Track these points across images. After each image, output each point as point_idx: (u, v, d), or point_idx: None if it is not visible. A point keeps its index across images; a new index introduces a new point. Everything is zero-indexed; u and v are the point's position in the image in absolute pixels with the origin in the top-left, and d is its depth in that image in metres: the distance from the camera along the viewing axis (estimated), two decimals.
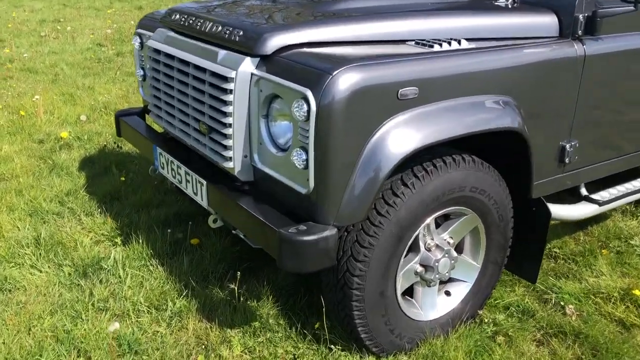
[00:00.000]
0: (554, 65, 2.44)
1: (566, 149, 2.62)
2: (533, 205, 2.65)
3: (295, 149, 2.02)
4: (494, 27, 2.47)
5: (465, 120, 2.19)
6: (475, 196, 2.33)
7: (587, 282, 2.98)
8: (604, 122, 2.76)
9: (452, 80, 2.15)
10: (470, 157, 2.31)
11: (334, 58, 2.03)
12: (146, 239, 3.09)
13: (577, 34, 2.51)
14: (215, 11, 2.62)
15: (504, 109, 2.30)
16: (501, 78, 2.30)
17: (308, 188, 2.01)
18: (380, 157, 2.02)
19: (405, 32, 2.30)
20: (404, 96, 2.02)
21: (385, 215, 2.12)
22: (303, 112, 1.93)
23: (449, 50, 2.19)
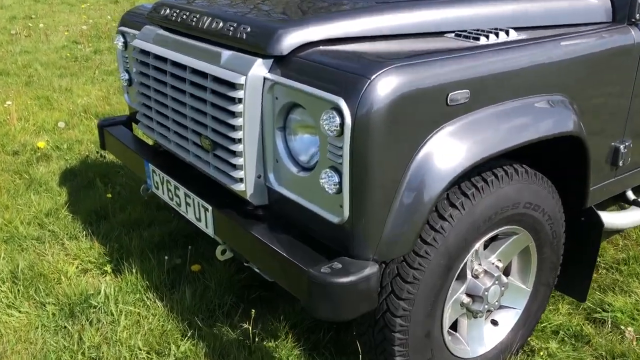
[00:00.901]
0: (608, 55, 2.11)
1: (620, 150, 2.29)
2: (583, 216, 2.33)
3: (325, 170, 1.65)
4: (541, 14, 2.12)
5: (522, 126, 1.85)
6: (529, 212, 2.00)
7: (637, 295, 2.67)
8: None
9: (505, 80, 1.80)
10: (522, 167, 1.97)
11: (369, 58, 1.67)
12: (140, 266, 2.71)
13: (635, 18, 2.17)
14: (214, 4, 2.23)
15: (562, 110, 1.96)
16: (556, 74, 1.96)
17: (342, 217, 1.65)
18: (428, 177, 1.66)
19: (443, 21, 1.94)
20: (455, 101, 1.67)
21: (432, 244, 1.77)
22: (335, 126, 1.57)
23: (499, 43, 1.84)
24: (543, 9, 2.13)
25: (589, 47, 2.05)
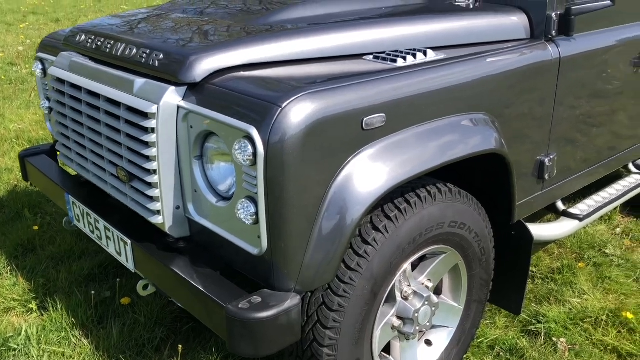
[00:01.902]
0: (527, 71, 2.13)
1: (545, 164, 2.32)
2: (513, 230, 2.35)
3: (241, 200, 1.60)
4: (460, 32, 2.13)
5: (444, 146, 1.84)
6: (455, 231, 1.99)
7: (570, 304, 2.71)
8: (581, 129, 2.49)
9: (423, 101, 1.79)
10: (446, 186, 1.96)
11: (282, 84, 1.63)
12: (66, 302, 2.58)
13: (551, 35, 2.21)
14: (130, 29, 2.16)
15: (482, 128, 1.97)
16: (475, 92, 1.96)
17: (260, 248, 1.60)
18: (347, 203, 1.63)
19: (361, 44, 1.92)
20: (371, 125, 1.65)
21: (356, 269, 1.74)
22: (247, 155, 1.52)
23: (415, 65, 1.83)
24: (462, 28, 2.14)
25: (508, 64, 2.07)
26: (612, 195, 2.88)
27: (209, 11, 2.28)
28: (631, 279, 2.92)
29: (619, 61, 2.55)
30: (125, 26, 2.21)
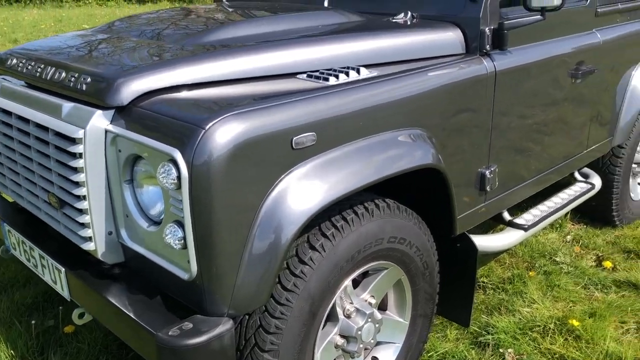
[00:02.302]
0: (463, 85, 2.16)
1: (486, 176, 2.35)
2: (457, 242, 2.36)
3: (169, 225, 1.58)
4: (395, 49, 2.15)
5: (376, 163, 1.84)
6: (395, 247, 1.99)
7: (520, 314, 2.73)
8: (522, 141, 2.53)
9: (355, 118, 1.79)
10: (384, 202, 1.97)
11: (207, 105, 1.61)
12: (6, 333, 2.49)
13: (485, 49, 2.25)
14: (62, 51, 2.12)
15: (417, 143, 1.98)
16: (410, 108, 1.98)
17: (190, 273, 1.57)
18: (280, 223, 1.62)
19: (295, 63, 1.92)
20: (301, 144, 1.64)
21: (293, 290, 1.72)
22: (172, 179, 1.50)
23: (349, 82, 1.84)
24: (398, 45, 2.16)
25: (443, 80, 2.10)
26: (557, 204, 2.94)
27: (143, 33, 2.25)
28: (579, 285, 2.97)
29: (556, 73, 2.60)
30: (58, 48, 2.17)
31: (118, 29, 2.42)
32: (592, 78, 2.83)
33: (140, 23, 2.50)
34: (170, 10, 2.79)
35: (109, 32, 2.37)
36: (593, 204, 3.41)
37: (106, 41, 2.20)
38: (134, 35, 2.25)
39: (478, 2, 2.21)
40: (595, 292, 2.91)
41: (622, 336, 2.57)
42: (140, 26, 2.42)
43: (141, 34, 2.26)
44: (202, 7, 3.00)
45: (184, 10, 2.80)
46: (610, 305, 2.74)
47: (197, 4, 4.64)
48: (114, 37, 2.26)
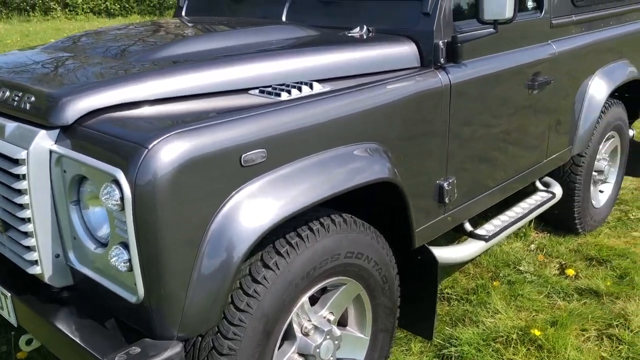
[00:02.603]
0: (419, 99, 2.17)
1: (444, 187, 2.35)
2: (418, 254, 2.36)
3: (114, 247, 1.54)
4: (350, 64, 2.15)
5: (331, 178, 1.83)
6: (352, 262, 1.98)
7: (484, 324, 2.74)
8: (480, 152, 2.54)
9: (307, 134, 1.78)
10: (341, 217, 1.95)
11: (152, 123, 1.58)
12: None
13: (440, 62, 2.26)
14: (8, 69, 2.07)
15: (373, 157, 1.97)
16: (364, 123, 1.97)
17: (137, 295, 1.53)
18: (229, 242, 1.59)
19: (246, 78, 1.90)
20: (250, 162, 1.62)
21: (246, 310, 1.69)
22: (115, 200, 1.46)
23: (300, 98, 1.83)
24: (353, 59, 2.16)
25: (397, 93, 2.10)
26: (518, 213, 2.96)
27: (95, 49, 2.22)
28: (542, 294, 2.99)
29: (512, 84, 2.63)
30: (5, 66, 2.11)
31: (70, 44, 2.37)
32: (549, 88, 2.86)
33: (94, 39, 2.45)
34: (126, 26, 2.75)
35: (62, 48, 2.32)
36: (556, 212, 3.45)
37: (56, 58, 2.15)
38: (85, 51, 2.21)
39: (431, 16, 2.22)
40: (557, 301, 2.93)
41: (583, 344, 2.59)
42: (94, 42, 2.38)
43: (93, 50, 2.22)
44: (161, 21, 2.97)
45: (141, 25, 2.77)
46: (572, 314, 2.76)
47: (167, 18, 4.57)
48: (65, 53, 2.21)
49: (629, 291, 2.94)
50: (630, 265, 3.18)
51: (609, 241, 3.53)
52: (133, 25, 2.79)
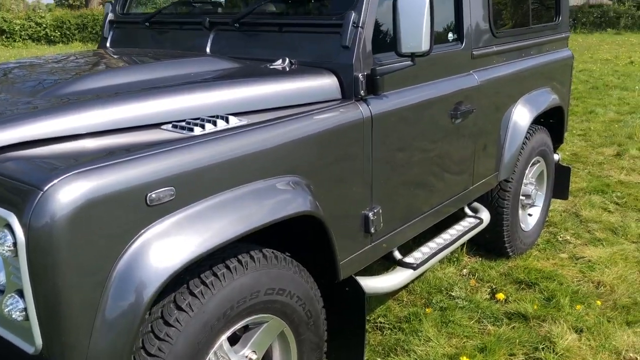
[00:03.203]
0: (340, 131, 2.17)
1: (369, 217, 2.35)
2: (346, 286, 2.34)
3: (9, 295, 1.45)
4: (271, 96, 2.13)
5: (248, 214, 1.79)
6: (273, 298, 1.93)
7: (415, 353, 2.73)
8: (405, 181, 2.57)
9: (221, 169, 1.74)
10: (260, 252, 1.91)
11: (51, 163, 1.51)
12: None
13: (360, 95, 2.27)
14: None
15: (293, 191, 1.95)
16: (283, 156, 1.96)
17: (35, 346, 1.44)
18: (136, 284, 1.53)
19: (159, 113, 1.86)
20: (157, 201, 1.57)
21: (157, 355, 1.62)
22: (8, 246, 1.38)
23: (214, 132, 1.79)
24: (273, 92, 2.14)
25: (318, 126, 2.09)
26: (446, 240, 2.99)
27: (5, 82, 2.12)
28: (473, 320, 3.02)
29: (434, 114, 2.68)
30: None
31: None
32: (472, 117, 2.93)
33: (8, 71, 2.36)
34: (43, 57, 2.66)
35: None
36: (487, 236, 3.52)
37: None
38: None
39: (350, 49, 2.24)
40: (488, 326, 2.96)
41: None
42: (6, 74, 2.28)
43: (2, 83, 2.13)
44: (81, 53, 2.90)
45: (59, 57, 2.69)
46: (500, 339, 2.79)
47: (92, 49, 4.45)
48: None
49: (555, 313, 3.00)
50: (556, 288, 3.26)
51: (538, 263, 3.61)
52: (52, 56, 2.70)
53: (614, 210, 4.47)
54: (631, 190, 4.86)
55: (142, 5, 3.28)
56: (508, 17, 3.38)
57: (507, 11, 3.37)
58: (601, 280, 3.36)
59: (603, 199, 4.69)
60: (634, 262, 3.60)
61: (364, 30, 2.25)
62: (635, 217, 4.32)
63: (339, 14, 2.29)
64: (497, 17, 3.15)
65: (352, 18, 2.24)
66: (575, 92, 9.59)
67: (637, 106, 8.33)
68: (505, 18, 3.34)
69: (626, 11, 26.75)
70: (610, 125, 7.16)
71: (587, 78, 11.11)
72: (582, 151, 6.13)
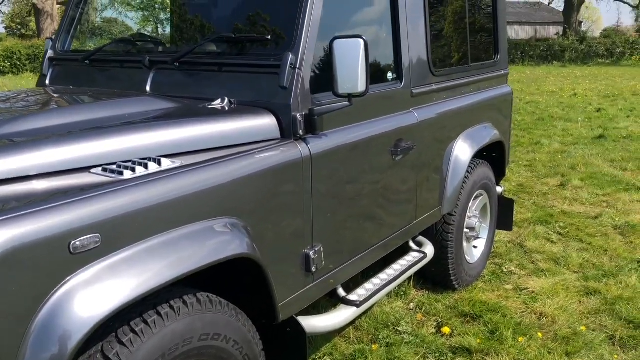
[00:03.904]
0: (278, 170, 2.18)
1: (310, 256, 2.35)
2: (287, 326, 2.32)
3: None
4: (208, 136, 2.13)
5: (179, 259, 1.76)
6: (208, 344, 1.89)
7: None
8: (346, 218, 2.58)
9: (150, 214, 1.72)
10: (194, 297, 1.88)
11: None
12: None
13: (299, 134, 2.29)
14: None
15: (229, 233, 1.94)
16: (218, 198, 1.94)
17: None
18: (59, 335, 1.48)
19: (87, 157, 1.82)
20: (81, 248, 1.53)
21: None
22: None
23: (143, 176, 1.77)
24: (211, 132, 2.14)
25: (256, 166, 2.09)
26: (390, 275, 3.01)
27: None
28: (419, 355, 3.02)
29: (375, 151, 2.72)
30: None
31: None
32: (413, 153, 2.99)
33: None
34: None
35: None
36: (433, 269, 3.56)
37: None
38: None
39: (288, 90, 2.27)
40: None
41: None
42: None
43: None
44: (19, 91, 2.84)
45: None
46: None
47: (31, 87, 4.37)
48: None
49: (498, 347, 3.04)
50: (500, 320, 3.31)
51: (483, 295, 3.67)
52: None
53: (557, 240, 4.59)
54: (573, 221, 5.02)
55: (83, 42, 3.25)
56: (447, 56, 3.49)
57: (446, 50, 3.48)
58: (543, 311, 3.43)
59: (547, 229, 4.82)
60: (574, 292, 3.70)
61: (301, 72, 2.28)
62: (577, 247, 4.46)
63: (277, 55, 2.32)
64: (436, 57, 3.24)
65: (290, 59, 2.27)
66: (523, 123, 9.94)
67: (579, 137, 8.67)
68: (445, 57, 3.44)
69: (570, 45, 28.09)
70: (554, 156, 7.42)
71: (534, 110, 11.54)
72: (527, 182, 6.31)
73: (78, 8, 3.10)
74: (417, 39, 3.02)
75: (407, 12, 2.94)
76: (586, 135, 8.83)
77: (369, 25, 2.88)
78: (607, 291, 3.68)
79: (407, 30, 2.94)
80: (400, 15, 2.88)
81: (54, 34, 3.16)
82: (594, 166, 6.84)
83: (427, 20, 3.10)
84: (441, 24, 3.40)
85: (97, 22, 3.41)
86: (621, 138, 8.49)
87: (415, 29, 3.02)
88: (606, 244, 4.48)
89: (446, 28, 3.48)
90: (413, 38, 2.99)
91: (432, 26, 3.17)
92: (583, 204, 5.51)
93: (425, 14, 3.08)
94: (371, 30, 2.90)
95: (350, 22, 2.77)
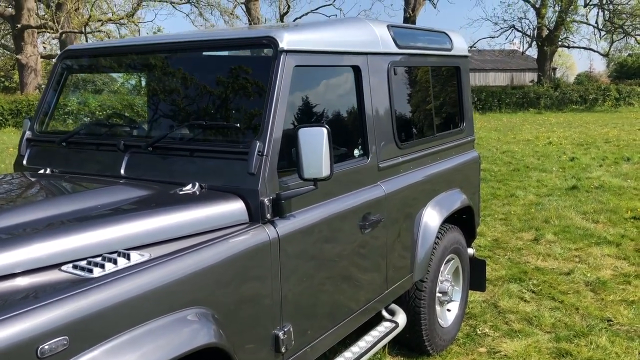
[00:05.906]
0: (246, 255, 2.25)
1: (280, 337, 2.40)
2: None
3: None
4: (177, 225, 2.20)
5: (145, 354, 1.80)
6: None
7: None
8: (316, 296, 2.65)
9: (118, 311, 1.77)
10: None
11: None
12: None
13: (267, 217, 2.38)
14: None
15: (197, 323, 1.99)
16: (187, 289, 2.00)
17: None
18: None
19: (55, 254, 1.88)
20: (48, 352, 1.58)
21: None
22: None
23: (112, 273, 1.83)
24: (180, 220, 2.20)
25: (223, 254, 2.16)
26: (362, 348, 3.05)
27: None
28: None
29: (343, 227, 2.81)
30: None
31: None
32: (382, 225, 3.09)
33: None
34: None
35: None
36: (407, 336, 3.60)
37: None
38: None
39: (256, 176, 2.37)
40: None
41: None
42: None
43: None
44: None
45: None
46: None
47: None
48: None
49: None
50: None
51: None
52: None
53: (530, 299, 4.67)
54: (546, 277, 5.12)
55: (61, 124, 3.35)
56: (413, 129, 3.63)
57: (411, 123, 3.62)
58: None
59: (520, 287, 4.91)
60: (546, 354, 3.76)
61: (268, 158, 2.39)
62: (549, 305, 4.54)
63: (245, 142, 2.43)
64: (401, 130, 3.38)
65: (257, 147, 2.38)
66: (499, 174, 10.15)
67: (554, 188, 8.88)
68: (410, 129, 3.59)
69: (545, 92, 28.91)
70: (529, 209, 7.58)
71: (510, 159, 11.80)
72: (502, 236, 6.43)
73: (55, 91, 3.21)
74: (382, 116, 3.16)
75: (372, 92, 3.08)
76: (560, 185, 9.04)
77: (335, 106, 3.02)
78: (578, 352, 3.75)
79: (372, 109, 3.07)
80: (364, 96, 3.02)
81: (37, 88, 3.25)
82: (566, 219, 7.00)
83: (391, 97, 3.24)
84: (406, 99, 3.55)
85: (74, 105, 3.51)
86: (593, 188, 8.71)
87: (380, 107, 3.15)
88: (578, 302, 4.57)
89: (411, 101, 3.64)
90: (378, 116, 3.12)
91: (396, 102, 3.32)
92: (556, 259, 5.62)
93: (389, 91, 3.23)
94: (337, 111, 3.04)
95: (316, 105, 2.90)
